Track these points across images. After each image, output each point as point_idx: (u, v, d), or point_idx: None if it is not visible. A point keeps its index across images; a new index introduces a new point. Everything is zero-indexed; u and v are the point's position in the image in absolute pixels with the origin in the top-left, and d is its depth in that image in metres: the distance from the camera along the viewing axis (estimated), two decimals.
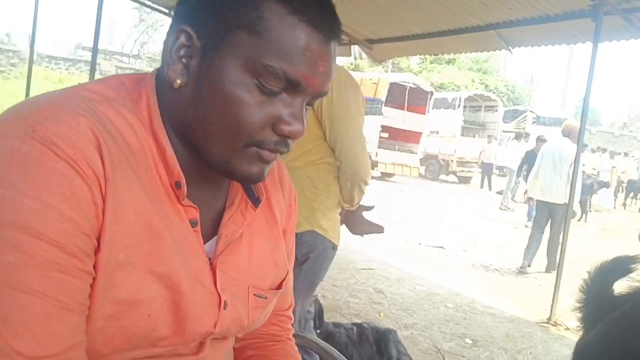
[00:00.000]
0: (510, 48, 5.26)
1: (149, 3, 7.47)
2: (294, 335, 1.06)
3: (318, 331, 2.85)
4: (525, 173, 10.63)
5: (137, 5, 22.08)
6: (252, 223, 0.85)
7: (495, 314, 4.77)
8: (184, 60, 0.71)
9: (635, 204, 18.02)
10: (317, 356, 2.01)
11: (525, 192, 8.27)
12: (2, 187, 0.58)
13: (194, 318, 0.73)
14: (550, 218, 6.67)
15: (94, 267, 0.64)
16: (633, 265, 1.90)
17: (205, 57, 0.70)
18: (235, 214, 0.82)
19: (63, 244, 0.60)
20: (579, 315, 1.86)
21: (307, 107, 0.75)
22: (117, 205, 0.65)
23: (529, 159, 10.26)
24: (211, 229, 0.80)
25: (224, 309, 0.78)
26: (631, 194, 18.01)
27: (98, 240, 0.64)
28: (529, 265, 6.60)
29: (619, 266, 1.92)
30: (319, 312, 3.09)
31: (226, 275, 0.79)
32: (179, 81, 0.71)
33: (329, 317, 3.26)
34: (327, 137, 1.99)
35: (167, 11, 7.29)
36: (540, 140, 10.46)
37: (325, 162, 2.06)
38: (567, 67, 45.11)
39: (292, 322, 1.05)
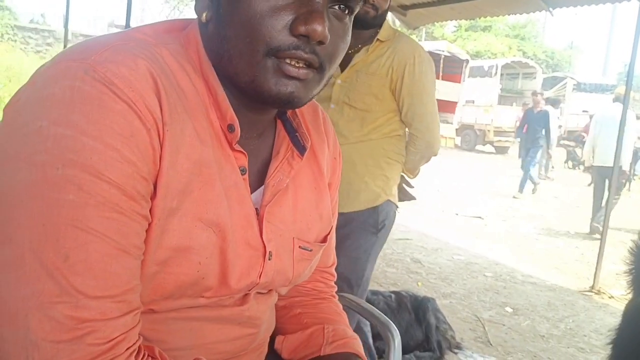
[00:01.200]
0: (550, 9, 5.05)
1: None
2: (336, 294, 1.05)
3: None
4: (525, 134, 10.35)
5: None
6: (297, 174, 0.83)
7: (536, 283, 4.69)
8: None
9: None
10: (358, 315, 2.01)
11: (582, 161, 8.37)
12: (62, 125, 0.57)
13: (239, 267, 0.73)
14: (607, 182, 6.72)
15: (150, 211, 0.63)
16: None
17: None
18: (282, 163, 0.81)
19: (122, 185, 0.59)
20: (629, 278, 1.79)
21: (341, 11, 0.70)
22: (173, 150, 0.65)
23: (528, 119, 10.27)
24: (258, 180, 0.79)
25: (269, 259, 0.77)
26: None
27: (155, 185, 0.64)
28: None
29: None
30: None
31: (272, 225, 0.78)
32: (205, 15, 0.70)
33: None
34: (403, 112, 2.03)
35: None
36: (536, 96, 10.24)
37: (397, 135, 2.08)
38: (609, 31, 43.43)
39: (335, 279, 1.04)
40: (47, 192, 0.56)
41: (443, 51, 16.62)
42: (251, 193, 0.77)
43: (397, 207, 2.17)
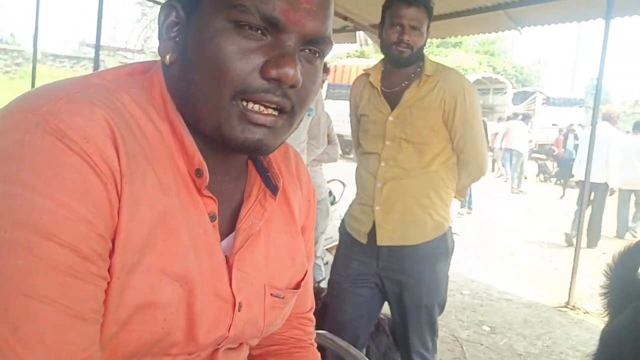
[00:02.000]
0: (519, 28, 5.14)
1: None
2: None
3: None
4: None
5: (140, 0, 22.04)
6: (270, 219, 0.79)
7: (512, 300, 4.71)
8: (176, 38, 0.68)
9: None
10: None
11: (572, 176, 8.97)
12: (12, 183, 0.54)
13: (207, 320, 0.69)
14: (592, 196, 7.13)
15: (109, 270, 0.59)
16: None
17: (188, 22, 0.67)
18: (254, 205, 0.77)
19: (76, 246, 0.55)
20: (604, 301, 1.79)
21: (312, 54, 0.68)
22: (132, 203, 0.61)
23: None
24: (230, 225, 0.75)
25: (239, 310, 0.73)
26: None
27: (113, 241, 0.59)
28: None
29: None
30: None
31: (242, 273, 0.74)
32: (168, 57, 0.68)
33: None
34: (455, 140, 2.10)
35: None
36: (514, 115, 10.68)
37: (452, 162, 2.15)
38: (576, 46, 44.59)
39: (314, 324, 1.00)
40: None
41: None
42: (223, 239, 0.73)
43: (452, 228, 2.25)
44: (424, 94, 2.05)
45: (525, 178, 13.67)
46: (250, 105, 0.64)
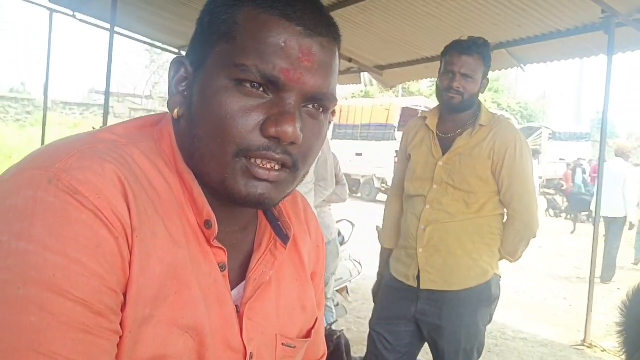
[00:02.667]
0: (522, 65, 5.21)
1: (159, 44, 7.59)
2: None
3: None
4: None
5: (148, 47, 22.55)
6: (280, 267, 0.79)
7: (527, 339, 4.61)
8: (184, 92, 0.70)
9: None
10: None
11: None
12: (24, 240, 0.54)
13: None
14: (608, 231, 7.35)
15: (120, 323, 0.59)
16: None
17: (195, 79, 0.69)
18: (265, 254, 0.77)
19: (89, 301, 0.56)
20: (620, 339, 1.74)
21: (315, 109, 0.69)
22: (143, 256, 0.61)
23: None
24: (240, 274, 0.75)
25: None
26: None
27: (124, 295, 0.60)
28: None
29: None
30: (346, 348, 2.99)
31: (254, 322, 0.74)
32: (176, 111, 0.70)
33: (356, 351, 3.15)
34: (502, 192, 2.11)
35: (177, 51, 7.40)
36: None
37: (499, 214, 2.16)
38: (580, 80, 44.93)
39: None
40: (7, 315, 0.53)
41: (421, 106, 16.94)
42: (233, 289, 0.73)
43: (500, 277, 2.22)
44: (475, 143, 2.08)
45: None
46: (253, 160, 0.66)
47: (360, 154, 16.88)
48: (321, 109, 0.70)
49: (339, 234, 4.26)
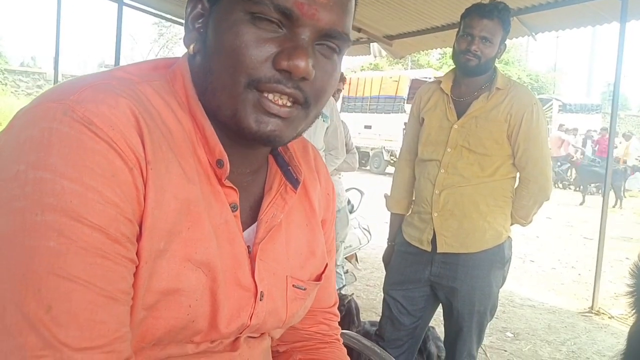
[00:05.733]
0: (533, 34, 5.15)
1: (168, 16, 7.54)
2: None
3: (355, 331, 2.81)
4: None
5: (157, 20, 22.37)
6: (290, 211, 0.81)
7: (535, 306, 4.67)
8: (200, 29, 0.70)
9: None
10: None
11: None
12: (41, 169, 0.55)
13: (229, 309, 0.70)
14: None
15: (137, 254, 0.61)
16: None
17: (210, 14, 0.69)
18: (276, 197, 0.79)
19: (105, 228, 0.57)
20: (630, 300, 1.76)
21: (328, 48, 0.69)
22: (158, 190, 0.62)
23: None
24: (251, 216, 0.77)
25: (260, 300, 0.74)
26: None
27: (140, 226, 0.61)
28: None
29: None
30: (356, 311, 3.05)
31: (265, 263, 0.76)
32: (192, 47, 0.70)
33: (364, 317, 3.21)
34: (517, 156, 2.12)
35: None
36: None
37: (512, 177, 2.18)
38: (591, 52, 44.22)
39: (339, 319, 1.01)
40: (27, 240, 0.54)
41: (430, 78, 16.82)
42: (244, 230, 0.75)
43: (512, 240, 2.25)
44: (492, 106, 2.09)
45: None
46: (265, 94, 0.66)
47: (370, 127, 16.83)
48: (335, 49, 0.70)
49: (349, 202, 4.31)
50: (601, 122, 21.47)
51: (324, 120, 2.98)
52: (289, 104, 0.67)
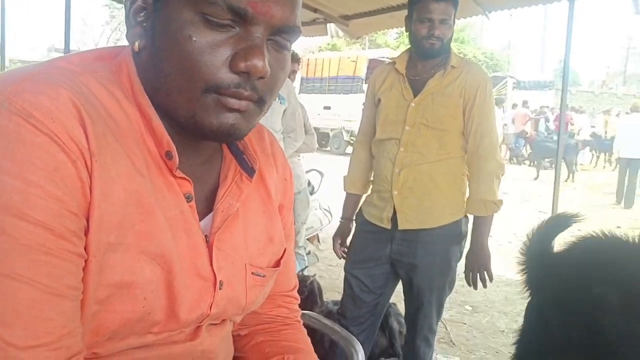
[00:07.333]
0: (487, 13, 5.22)
1: None
2: None
3: (318, 311, 2.85)
4: None
5: (108, 1, 21.68)
6: (247, 199, 0.81)
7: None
8: (143, 23, 0.68)
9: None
10: None
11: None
12: None
13: (188, 299, 0.70)
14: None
15: (85, 249, 0.60)
16: (570, 222, 1.87)
17: (155, 10, 0.66)
18: (231, 186, 0.78)
19: (49, 224, 0.56)
20: (523, 278, 1.80)
21: (280, 43, 0.69)
22: (104, 182, 0.61)
23: None
24: (206, 207, 0.77)
25: (220, 289, 0.74)
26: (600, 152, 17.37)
27: (87, 219, 0.60)
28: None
29: (557, 224, 1.88)
30: (318, 292, 3.09)
31: (223, 252, 0.76)
32: (137, 43, 0.68)
33: (328, 297, 3.25)
34: (472, 130, 2.15)
35: None
36: None
37: (464, 155, 2.20)
38: (544, 29, 45.24)
39: (299, 302, 1.03)
40: None
41: (388, 58, 16.87)
42: (200, 220, 0.75)
43: (468, 218, 2.28)
44: (447, 83, 2.14)
45: None
46: (224, 97, 0.65)
47: (329, 107, 16.83)
48: (286, 44, 0.70)
49: (309, 183, 4.32)
50: (554, 98, 22.06)
51: (281, 103, 2.97)
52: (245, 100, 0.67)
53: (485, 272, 2.24)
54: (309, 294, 2.99)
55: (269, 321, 0.97)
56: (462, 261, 2.27)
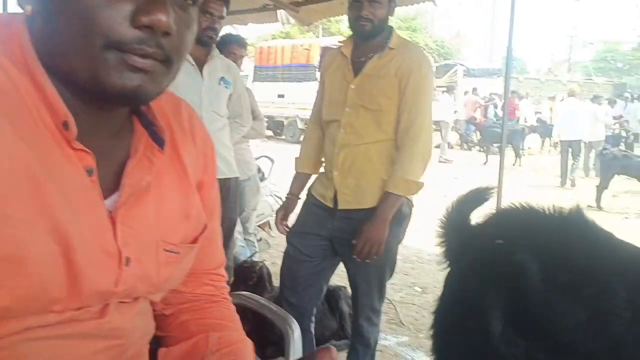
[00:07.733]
0: (434, 0, 5.29)
1: None
2: (230, 294, 1.02)
3: (268, 296, 2.85)
4: None
5: None
6: (159, 173, 0.78)
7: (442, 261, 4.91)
8: None
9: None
10: None
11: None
12: None
13: (89, 276, 0.67)
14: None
15: None
16: (488, 195, 1.94)
17: None
18: (141, 160, 0.75)
19: None
20: (442, 249, 1.86)
21: (185, 2, 0.67)
22: None
23: None
24: (114, 183, 0.74)
25: (126, 265, 0.72)
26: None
27: None
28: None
29: (474, 197, 1.95)
30: (268, 277, 3.10)
31: (130, 229, 0.73)
32: (29, 8, 0.65)
33: (278, 283, 3.26)
34: (407, 110, 2.14)
35: None
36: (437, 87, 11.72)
37: (393, 140, 2.20)
38: (492, 18, 46.12)
39: (227, 279, 1.01)
40: None
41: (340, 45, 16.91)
42: (109, 196, 0.72)
43: (410, 200, 2.30)
44: (383, 64, 2.17)
45: (451, 147, 14.17)
46: (127, 54, 0.62)
47: (283, 96, 16.73)
48: (190, 1, 0.68)
49: (259, 170, 4.30)
50: (502, 85, 22.55)
51: (226, 87, 2.93)
52: (150, 59, 0.64)
53: (378, 248, 2.15)
54: (258, 279, 2.99)
55: (194, 299, 0.94)
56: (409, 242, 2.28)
